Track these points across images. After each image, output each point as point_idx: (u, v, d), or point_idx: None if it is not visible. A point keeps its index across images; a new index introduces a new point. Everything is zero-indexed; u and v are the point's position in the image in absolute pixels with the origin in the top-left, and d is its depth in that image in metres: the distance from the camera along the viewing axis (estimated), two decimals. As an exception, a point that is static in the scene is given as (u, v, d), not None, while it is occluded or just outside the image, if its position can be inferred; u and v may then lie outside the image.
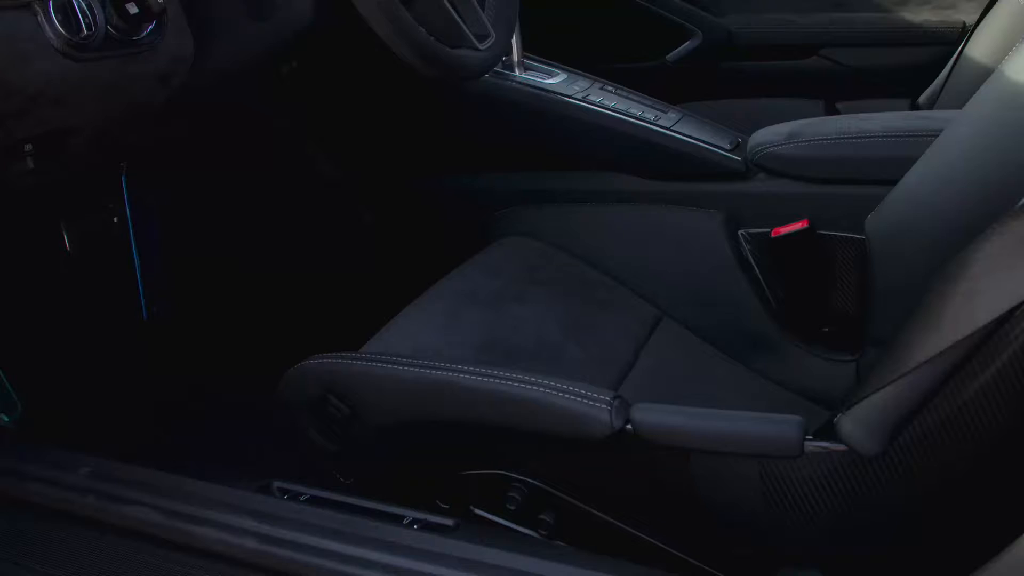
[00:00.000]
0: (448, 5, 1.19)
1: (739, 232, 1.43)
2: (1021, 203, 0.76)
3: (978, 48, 1.77)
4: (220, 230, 1.78)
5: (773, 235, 1.39)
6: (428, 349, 1.18)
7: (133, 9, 1.02)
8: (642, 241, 1.47)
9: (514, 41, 1.54)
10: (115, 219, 1.52)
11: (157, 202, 1.59)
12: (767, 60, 2.35)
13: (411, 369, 1.07)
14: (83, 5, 0.96)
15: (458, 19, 1.20)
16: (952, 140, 1.15)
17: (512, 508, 1.09)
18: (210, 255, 1.77)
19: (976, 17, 1.92)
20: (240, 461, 1.53)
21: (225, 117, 1.50)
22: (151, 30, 1.04)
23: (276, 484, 1.07)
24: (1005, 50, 1.51)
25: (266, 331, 1.75)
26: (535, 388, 1.00)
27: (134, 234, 1.55)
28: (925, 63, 2.12)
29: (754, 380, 1.38)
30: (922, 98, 1.96)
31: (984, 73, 1.24)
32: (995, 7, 1.81)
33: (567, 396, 0.98)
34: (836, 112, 1.98)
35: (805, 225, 1.37)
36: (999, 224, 0.77)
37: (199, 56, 1.12)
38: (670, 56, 2.38)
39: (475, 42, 1.21)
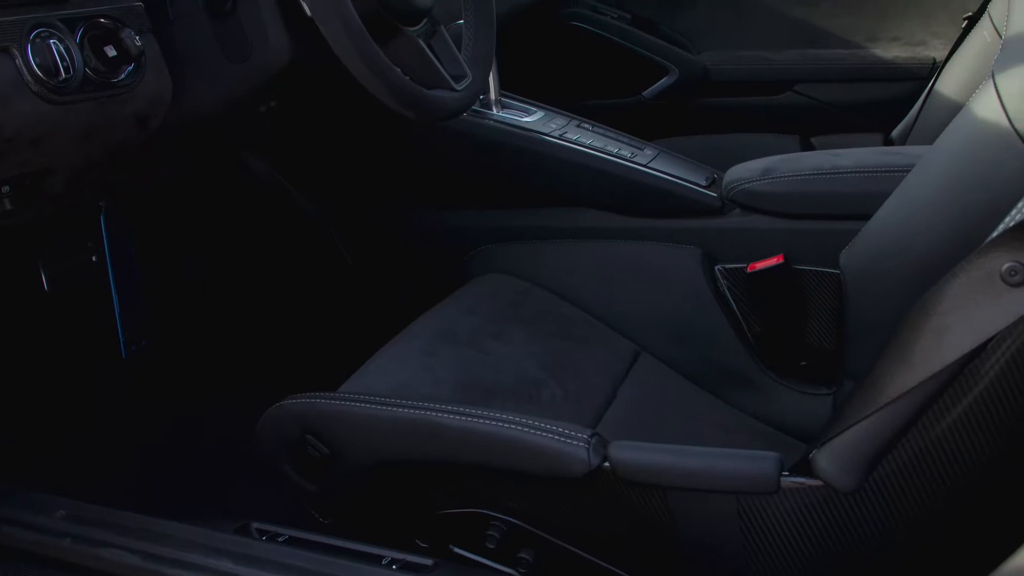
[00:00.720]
0: (424, 46, 1.20)
1: (715, 268, 1.44)
2: (988, 240, 0.77)
3: (948, 84, 1.80)
4: (199, 269, 1.78)
5: (749, 270, 1.40)
6: (406, 388, 1.18)
7: (111, 52, 1.03)
8: (620, 277, 1.47)
9: (491, 79, 1.56)
10: (93, 258, 1.52)
11: (136, 241, 1.59)
12: (743, 96, 2.38)
13: (389, 408, 1.07)
14: (61, 48, 0.97)
15: (434, 60, 1.20)
16: (922, 176, 1.17)
17: (491, 546, 1.08)
18: (189, 293, 1.77)
19: (946, 53, 1.95)
20: (219, 501, 1.52)
21: (204, 156, 1.51)
22: (129, 72, 1.05)
23: (255, 525, 1.07)
24: (974, 86, 1.52)
25: (245, 369, 1.75)
26: (513, 427, 1.00)
27: (113, 272, 1.55)
28: (898, 98, 2.15)
29: (732, 414, 1.38)
30: (895, 132, 1.98)
31: (954, 108, 1.26)
32: (963, 44, 1.84)
33: (545, 434, 0.99)
34: (811, 147, 1.99)
35: (781, 260, 1.38)
36: (967, 261, 0.78)
37: (177, 97, 1.13)
38: (647, 92, 2.41)
39: (451, 83, 1.21)
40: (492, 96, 1.58)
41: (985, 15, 1.74)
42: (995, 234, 0.78)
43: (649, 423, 1.27)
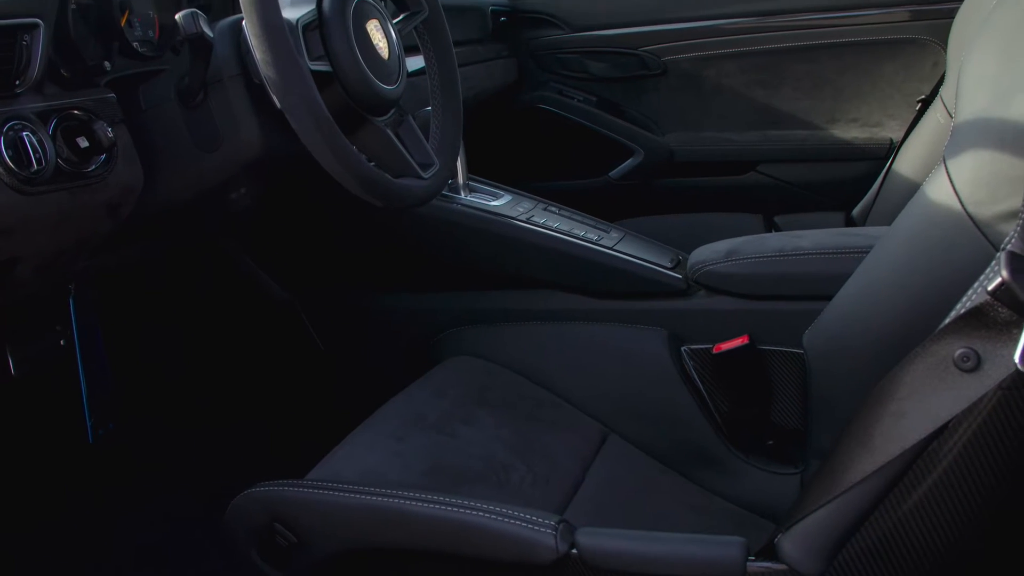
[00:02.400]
0: (392, 135, 1.21)
1: (682, 348, 1.46)
2: (941, 326, 0.79)
3: (905, 164, 1.84)
4: (168, 352, 1.77)
5: (715, 351, 1.42)
6: (375, 474, 1.18)
7: (84, 143, 1.03)
8: (587, 359, 1.49)
9: (459, 163, 1.58)
10: (62, 342, 1.52)
11: (105, 323, 1.59)
12: (707, 176, 2.43)
13: (356, 496, 1.07)
14: (34, 140, 0.97)
15: (402, 149, 1.22)
16: (880, 258, 1.19)
17: (460, 634, 1.08)
18: (158, 378, 1.76)
19: (902, 134, 2.00)
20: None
21: (174, 241, 1.52)
22: (101, 162, 1.06)
23: None
24: (929, 166, 1.57)
25: (213, 455, 1.73)
26: (480, 514, 1.01)
27: (81, 356, 1.54)
28: (857, 177, 2.20)
29: (701, 495, 1.38)
30: (856, 211, 2.02)
31: (911, 187, 1.29)
32: (918, 126, 1.88)
33: (512, 521, 0.99)
34: (775, 225, 2.03)
35: (746, 341, 1.40)
36: (921, 347, 0.79)
37: (148, 186, 1.14)
38: (613, 173, 2.45)
39: (419, 171, 1.23)
40: (460, 180, 1.61)
41: (937, 98, 1.79)
42: (947, 320, 0.79)
43: (618, 505, 1.27)
